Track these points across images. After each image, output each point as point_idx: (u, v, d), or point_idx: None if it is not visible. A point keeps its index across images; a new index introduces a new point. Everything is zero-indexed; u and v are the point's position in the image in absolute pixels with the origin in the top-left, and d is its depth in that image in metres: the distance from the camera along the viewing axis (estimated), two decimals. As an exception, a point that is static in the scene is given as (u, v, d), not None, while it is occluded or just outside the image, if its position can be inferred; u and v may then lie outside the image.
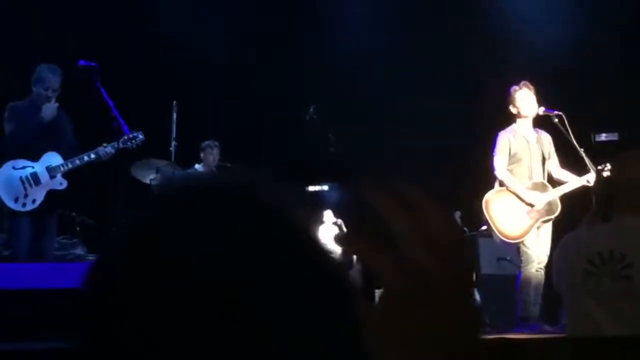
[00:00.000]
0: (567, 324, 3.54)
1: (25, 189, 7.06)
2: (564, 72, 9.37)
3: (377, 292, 0.89)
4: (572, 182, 7.59)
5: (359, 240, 0.86)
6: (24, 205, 7.05)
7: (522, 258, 7.50)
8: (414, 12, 10.47)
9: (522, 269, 7.50)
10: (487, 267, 8.75)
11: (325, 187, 9.08)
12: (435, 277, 0.83)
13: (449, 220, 0.86)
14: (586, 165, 7.55)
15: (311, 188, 9.08)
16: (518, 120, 7.71)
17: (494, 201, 7.60)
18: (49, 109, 7.13)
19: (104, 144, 7.24)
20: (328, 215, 8.81)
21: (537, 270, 7.44)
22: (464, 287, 0.86)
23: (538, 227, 7.52)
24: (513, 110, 7.69)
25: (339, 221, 8.59)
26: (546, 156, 7.70)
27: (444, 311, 0.84)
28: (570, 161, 7.74)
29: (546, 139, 7.74)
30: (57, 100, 7.26)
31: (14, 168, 7.09)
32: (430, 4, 10.50)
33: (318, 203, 8.90)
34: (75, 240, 8.39)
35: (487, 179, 7.73)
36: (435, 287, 0.83)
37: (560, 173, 7.72)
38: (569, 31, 9.71)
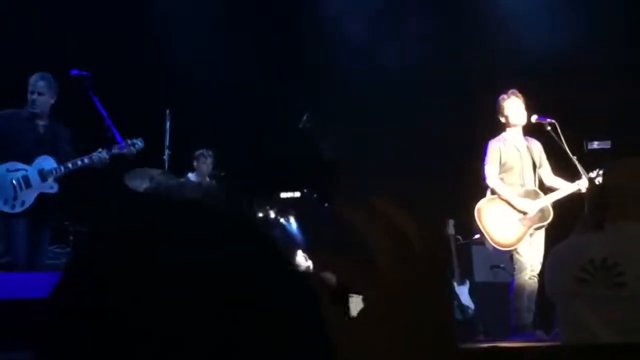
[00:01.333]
0: (560, 332, 3.54)
1: (15, 191, 7.09)
2: (557, 80, 9.39)
3: (352, 298, 0.90)
4: (564, 188, 7.61)
5: (333, 258, 0.86)
6: (12, 207, 7.08)
7: (515, 266, 7.50)
8: (409, 19, 10.49)
9: (515, 277, 7.50)
10: (480, 275, 8.76)
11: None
12: (410, 288, 0.83)
13: (426, 230, 0.86)
14: (579, 172, 7.57)
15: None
16: (507, 128, 7.73)
17: (486, 209, 7.60)
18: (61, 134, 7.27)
19: (100, 149, 7.26)
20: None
21: (530, 278, 7.44)
22: (439, 296, 0.86)
23: (531, 235, 7.53)
24: (502, 119, 7.71)
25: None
26: (537, 164, 7.71)
27: (419, 321, 0.84)
28: (563, 169, 7.76)
29: (536, 146, 7.76)
30: (50, 110, 7.32)
31: (7, 170, 7.13)
32: (424, 11, 10.51)
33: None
34: (68, 249, 8.37)
35: (480, 188, 7.75)
36: (410, 298, 0.83)
37: (553, 180, 7.73)
38: (562, 38, 9.73)
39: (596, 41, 9.70)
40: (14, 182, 7.10)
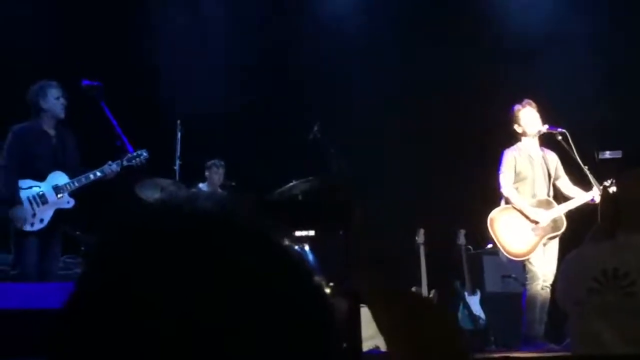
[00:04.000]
0: (572, 342, 3.53)
1: (33, 209, 7.07)
2: (568, 89, 9.37)
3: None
4: (576, 199, 7.60)
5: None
6: (32, 224, 7.07)
7: (528, 276, 7.48)
8: (418, 29, 10.48)
9: (527, 287, 7.48)
10: (492, 284, 8.74)
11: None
12: None
13: (448, 333, 0.84)
14: (590, 182, 7.54)
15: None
16: (523, 138, 7.71)
17: (499, 219, 7.59)
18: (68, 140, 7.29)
19: (109, 162, 7.28)
20: None
21: (542, 288, 7.42)
22: None
23: (544, 244, 7.51)
24: (518, 129, 7.70)
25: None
26: (552, 174, 7.70)
27: None
28: (575, 179, 7.74)
29: (552, 157, 7.75)
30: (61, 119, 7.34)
31: (21, 188, 7.10)
32: (434, 21, 10.51)
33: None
34: (79, 259, 8.37)
35: (491, 197, 7.73)
36: None
37: (572, 190, 7.71)
38: (573, 47, 9.71)
39: (608, 50, 9.68)
40: (30, 199, 7.09)
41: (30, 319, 5.19)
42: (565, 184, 7.75)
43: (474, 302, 8.59)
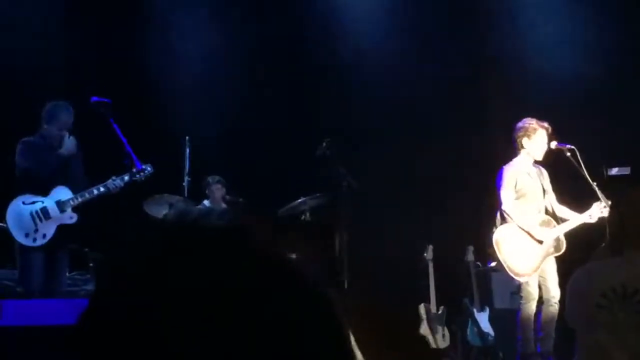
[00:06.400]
0: (579, 359, 3.52)
1: (35, 224, 7.05)
2: (577, 106, 9.36)
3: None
4: (576, 219, 7.55)
5: None
6: (34, 240, 7.03)
7: (522, 294, 7.44)
8: (427, 44, 10.49)
9: (522, 306, 7.44)
10: (500, 301, 8.71)
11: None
12: None
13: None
14: (599, 198, 7.51)
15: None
16: (522, 153, 7.63)
17: (505, 238, 7.53)
18: (68, 144, 7.22)
19: (113, 177, 7.24)
20: None
21: (551, 305, 7.40)
22: None
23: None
24: (526, 144, 7.59)
25: None
26: (546, 191, 7.67)
27: None
28: (584, 195, 7.70)
29: (545, 174, 7.72)
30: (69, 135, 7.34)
31: (23, 203, 7.08)
32: (444, 35, 10.52)
33: None
34: (87, 276, 8.37)
35: (501, 213, 7.71)
36: None
37: (559, 209, 7.68)
38: (582, 66, 9.70)
39: (615, 68, 9.67)
40: (32, 214, 7.07)
41: (36, 335, 5.18)
42: (553, 201, 7.72)
43: (483, 318, 8.57)
